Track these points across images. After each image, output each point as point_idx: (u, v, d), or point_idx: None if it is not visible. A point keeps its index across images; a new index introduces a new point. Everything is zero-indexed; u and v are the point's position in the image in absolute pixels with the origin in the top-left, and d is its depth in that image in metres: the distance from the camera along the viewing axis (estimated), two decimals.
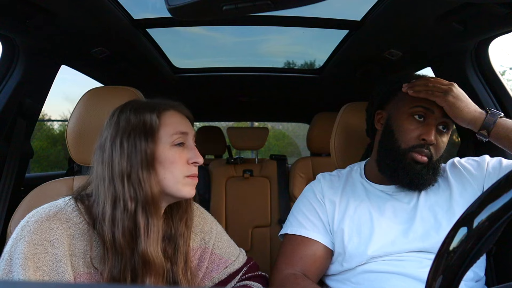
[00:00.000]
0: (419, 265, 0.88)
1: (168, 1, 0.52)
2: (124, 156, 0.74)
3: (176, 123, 0.80)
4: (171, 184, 0.77)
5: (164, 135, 0.77)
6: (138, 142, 0.74)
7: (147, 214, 0.73)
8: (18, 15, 1.10)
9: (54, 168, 8.41)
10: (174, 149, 0.78)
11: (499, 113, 0.91)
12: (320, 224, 1.00)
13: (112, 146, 0.75)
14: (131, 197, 0.72)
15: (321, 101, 2.66)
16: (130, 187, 0.73)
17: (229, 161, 2.29)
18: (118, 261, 0.72)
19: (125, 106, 0.80)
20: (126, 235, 0.71)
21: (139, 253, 0.72)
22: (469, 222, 0.38)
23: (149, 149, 0.74)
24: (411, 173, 0.91)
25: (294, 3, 0.52)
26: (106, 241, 0.72)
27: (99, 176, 0.75)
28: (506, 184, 0.37)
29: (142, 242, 0.72)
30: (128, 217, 0.72)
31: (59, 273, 0.68)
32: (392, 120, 0.98)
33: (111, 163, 0.74)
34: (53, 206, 0.75)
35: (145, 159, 0.74)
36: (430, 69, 1.54)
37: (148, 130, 0.76)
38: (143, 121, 0.76)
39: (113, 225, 0.72)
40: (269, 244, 2.10)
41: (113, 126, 0.77)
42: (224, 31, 1.90)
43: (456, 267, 0.38)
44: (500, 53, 6.52)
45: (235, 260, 0.95)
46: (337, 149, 1.22)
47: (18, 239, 0.69)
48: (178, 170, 0.77)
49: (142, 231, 0.72)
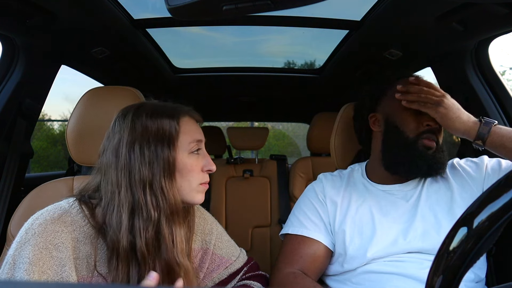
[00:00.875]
0: (420, 266, 0.88)
1: (168, 1, 0.52)
2: (145, 164, 0.72)
3: (193, 131, 0.79)
4: (187, 192, 0.77)
5: (183, 143, 0.77)
6: (160, 150, 0.73)
7: (170, 223, 0.72)
8: (18, 15, 1.10)
9: (54, 168, 8.41)
10: (191, 157, 0.77)
11: (492, 122, 0.91)
12: (321, 224, 1.00)
13: (130, 152, 0.72)
14: (154, 206, 0.71)
15: (321, 101, 2.66)
16: (152, 195, 0.71)
17: (229, 161, 2.29)
18: (135, 269, 0.70)
19: (139, 110, 0.77)
20: (149, 244, 0.70)
21: (161, 262, 0.71)
22: (469, 222, 0.38)
23: (171, 157, 0.74)
24: (427, 159, 0.93)
25: (294, 3, 0.52)
26: (119, 248, 0.70)
27: (114, 182, 0.72)
28: (506, 184, 0.37)
29: (166, 250, 0.71)
30: (153, 227, 0.71)
31: (64, 277, 0.68)
32: (391, 117, 1.00)
33: (130, 170, 0.72)
34: (57, 208, 0.73)
35: (167, 167, 0.73)
36: (430, 69, 1.54)
37: (169, 138, 0.74)
38: (163, 128, 0.75)
39: (130, 233, 0.70)
40: (269, 244, 2.10)
41: (128, 130, 0.74)
42: (224, 31, 1.90)
43: (456, 267, 0.38)
44: (500, 53, 6.52)
45: (236, 260, 0.95)
46: (337, 149, 1.22)
47: (23, 243, 0.67)
48: (194, 178, 0.77)
49: (167, 240, 0.71)
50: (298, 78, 2.19)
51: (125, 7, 1.31)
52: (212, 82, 2.26)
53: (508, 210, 0.36)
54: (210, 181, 2.27)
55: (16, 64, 1.34)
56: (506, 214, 0.36)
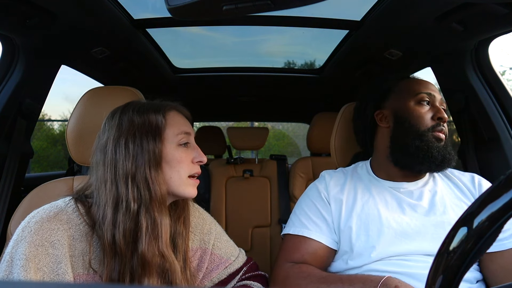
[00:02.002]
0: (425, 266, 0.88)
1: (168, 1, 0.52)
2: (129, 157, 0.73)
3: (180, 123, 0.81)
4: (176, 184, 0.78)
5: (170, 135, 0.78)
6: (145, 142, 0.74)
7: (151, 213, 0.73)
8: (18, 15, 1.10)
9: (54, 168, 8.41)
10: (180, 148, 0.79)
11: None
12: (323, 225, 0.99)
13: (116, 148, 0.74)
14: (134, 198, 0.72)
15: (321, 101, 2.66)
16: (134, 187, 0.72)
17: (229, 161, 2.29)
18: (117, 264, 0.72)
19: (126, 108, 0.80)
20: (126, 236, 0.71)
21: (138, 254, 0.72)
22: (469, 222, 0.38)
23: (157, 148, 0.75)
24: (441, 150, 0.96)
25: (294, 3, 0.52)
26: (105, 243, 0.71)
27: (100, 179, 0.75)
28: (506, 184, 0.37)
29: (142, 243, 0.72)
30: (130, 218, 0.72)
31: (60, 274, 0.68)
32: (401, 112, 1.03)
33: (115, 165, 0.74)
34: (53, 206, 0.75)
35: (153, 158, 0.74)
36: (430, 69, 1.54)
37: (155, 130, 0.76)
38: (149, 121, 0.76)
39: (114, 227, 0.71)
40: (269, 244, 2.10)
41: (115, 128, 0.76)
42: (224, 31, 1.90)
43: (456, 267, 0.38)
44: (500, 53, 6.52)
45: (235, 260, 0.95)
46: (337, 149, 1.22)
47: (19, 240, 0.68)
48: (183, 169, 0.78)
49: (144, 231, 0.72)
50: (298, 78, 2.19)
51: (125, 7, 1.31)
52: (212, 82, 2.26)
53: (508, 210, 0.36)
54: (210, 181, 2.29)
55: (16, 64, 1.34)
56: (506, 214, 0.36)
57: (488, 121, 1.29)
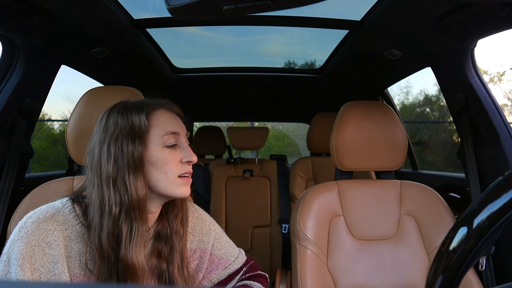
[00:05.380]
0: None
1: (168, 1, 0.52)
2: (110, 161, 0.73)
3: (166, 123, 0.78)
4: (165, 186, 0.76)
5: (154, 136, 0.76)
6: (124, 145, 0.73)
7: (131, 219, 0.72)
8: (18, 15, 1.10)
9: (54, 168, 8.41)
10: (166, 150, 0.77)
11: None
12: None
13: (101, 151, 0.74)
14: (116, 202, 0.71)
15: (321, 101, 2.66)
16: (116, 191, 0.72)
17: (229, 161, 2.29)
18: (104, 267, 0.72)
19: (113, 108, 0.78)
20: (110, 240, 0.71)
21: (121, 258, 0.71)
22: (469, 222, 0.38)
23: (137, 151, 0.73)
24: None
25: (294, 3, 0.52)
26: (94, 245, 0.72)
27: (89, 181, 0.75)
28: (506, 185, 0.37)
29: (123, 247, 0.71)
30: (112, 222, 0.71)
31: (56, 274, 0.69)
32: None
33: (100, 168, 0.73)
34: (50, 207, 0.75)
35: (132, 162, 0.73)
36: (430, 69, 1.54)
37: (137, 132, 0.74)
38: (132, 123, 0.74)
39: (100, 230, 0.71)
40: (269, 244, 2.10)
41: (102, 130, 0.76)
42: (224, 31, 1.90)
43: (456, 267, 0.38)
44: (500, 53, 6.52)
45: (235, 261, 0.95)
46: (337, 149, 1.22)
47: (16, 240, 0.69)
48: (171, 170, 0.76)
49: (124, 236, 0.71)
50: (298, 78, 2.19)
51: (125, 7, 1.31)
52: (212, 82, 2.26)
53: (508, 210, 0.36)
54: (210, 181, 2.29)
55: (16, 64, 1.34)
56: (506, 214, 0.36)
57: (488, 121, 1.29)
